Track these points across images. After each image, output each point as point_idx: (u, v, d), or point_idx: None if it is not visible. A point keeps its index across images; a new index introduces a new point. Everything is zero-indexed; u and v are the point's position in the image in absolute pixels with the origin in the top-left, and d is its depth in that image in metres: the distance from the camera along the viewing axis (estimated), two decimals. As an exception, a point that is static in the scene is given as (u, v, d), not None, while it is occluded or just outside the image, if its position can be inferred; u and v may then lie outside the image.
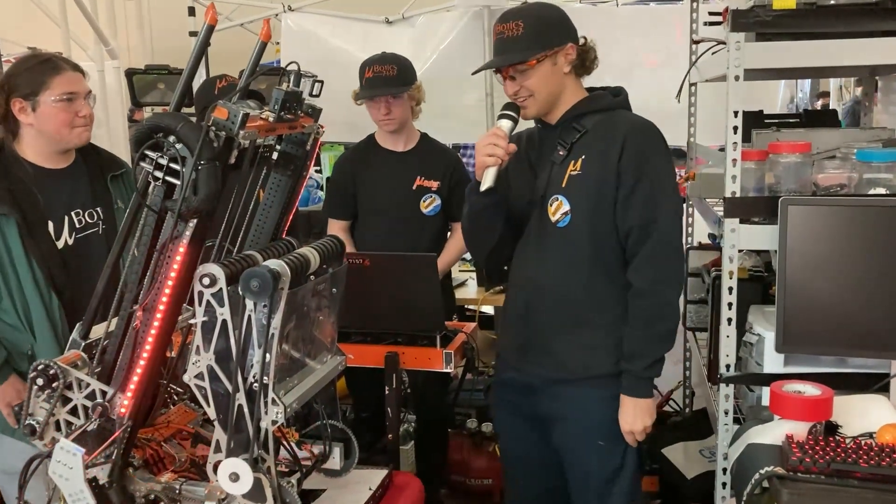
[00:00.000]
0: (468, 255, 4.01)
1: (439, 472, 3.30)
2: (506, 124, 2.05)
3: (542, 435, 2.18)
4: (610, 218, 2.02)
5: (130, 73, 4.16)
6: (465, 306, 3.65)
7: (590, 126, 2.06)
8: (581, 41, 2.09)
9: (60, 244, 2.27)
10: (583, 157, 2.05)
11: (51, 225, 2.26)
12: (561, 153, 2.08)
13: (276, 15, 4.67)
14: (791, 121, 2.91)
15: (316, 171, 5.69)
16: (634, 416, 2.04)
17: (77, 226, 2.32)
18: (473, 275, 3.91)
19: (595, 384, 2.08)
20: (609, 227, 2.03)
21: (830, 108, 6.56)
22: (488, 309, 3.93)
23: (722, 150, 3.41)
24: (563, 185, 2.05)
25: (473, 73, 2.19)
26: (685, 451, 2.94)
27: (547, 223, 2.08)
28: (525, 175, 2.16)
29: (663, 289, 2.02)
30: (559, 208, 2.06)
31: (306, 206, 5.00)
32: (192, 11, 4.78)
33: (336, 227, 3.17)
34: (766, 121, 2.90)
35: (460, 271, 3.94)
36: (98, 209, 2.37)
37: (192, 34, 4.59)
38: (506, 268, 2.32)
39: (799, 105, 5.94)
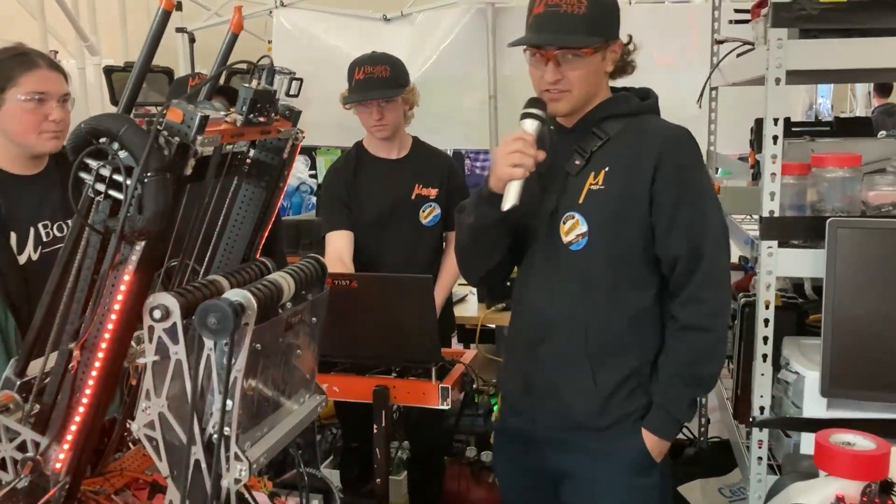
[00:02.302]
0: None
1: (434, 505, 3.07)
2: (531, 126, 1.73)
3: (549, 491, 1.93)
4: (634, 242, 1.77)
5: (109, 71, 3.91)
6: (466, 325, 3.41)
7: (613, 133, 1.79)
8: (626, 39, 1.82)
9: (23, 259, 2.05)
10: (605, 168, 1.77)
11: (14, 237, 2.04)
12: (577, 163, 1.80)
13: (270, 12, 4.47)
14: (822, 129, 2.66)
15: (311, 177, 5.48)
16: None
17: (44, 239, 2.11)
18: (474, 289, 3.66)
19: (609, 435, 1.83)
20: (632, 253, 1.78)
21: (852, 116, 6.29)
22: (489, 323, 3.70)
23: (742, 159, 3.20)
24: (581, 202, 1.78)
25: (510, 45, 1.79)
26: (703, 489, 2.71)
27: (558, 245, 1.81)
28: (529, 184, 1.85)
29: (716, 322, 1.77)
30: (574, 228, 1.78)
31: (299, 213, 4.78)
32: (178, 6, 4.55)
33: (341, 239, 2.84)
34: (794, 129, 2.66)
35: (460, 285, 3.69)
36: (69, 222, 2.14)
37: (179, 30, 4.37)
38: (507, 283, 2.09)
39: (819, 112, 5.69)
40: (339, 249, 2.80)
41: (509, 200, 1.70)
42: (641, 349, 1.82)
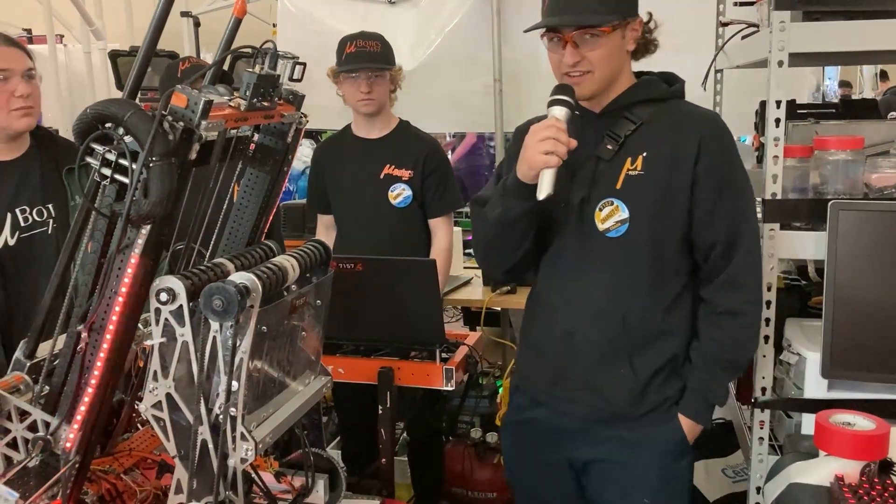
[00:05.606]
0: (471, 251, 3.78)
1: (437, 487, 3.09)
2: (562, 113, 1.65)
3: (569, 483, 1.88)
4: (675, 227, 1.73)
5: (114, 56, 3.90)
6: (472, 307, 3.42)
7: (645, 117, 1.74)
8: (646, 17, 1.77)
9: (0, 243, 2.05)
10: (643, 154, 1.72)
11: None
12: (610, 147, 1.73)
13: (273, -6, 4.45)
14: (828, 111, 2.65)
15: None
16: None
17: (22, 224, 2.10)
18: (479, 272, 3.67)
19: (644, 422, 1.78)
20: (673, 239, 1.73)
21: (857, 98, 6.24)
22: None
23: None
24: (619, 187, 1.72)
25: (526, 31, 1.74)
26: (706, 470, 2.71)
27: (592, 232, 1.74)
28: (559, 172, 1.75)
29: (752, 308, 1.76)
30: (613, 214, 1.72)
31: (304, 197, 4.77)
32: (184, -10, 4.56)
33: (326, 221, 3.04)
34: (799, 111, 2.65)
35: (465, 268, 3.71)
36: (49, 206, 2.15)
37: (184, 14, 4.36)
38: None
39: (826, 94, 5.65)
40: (321, 231, 3.07)
41: (544, 189, 1.62)
42: (677, 335, 1.78)
